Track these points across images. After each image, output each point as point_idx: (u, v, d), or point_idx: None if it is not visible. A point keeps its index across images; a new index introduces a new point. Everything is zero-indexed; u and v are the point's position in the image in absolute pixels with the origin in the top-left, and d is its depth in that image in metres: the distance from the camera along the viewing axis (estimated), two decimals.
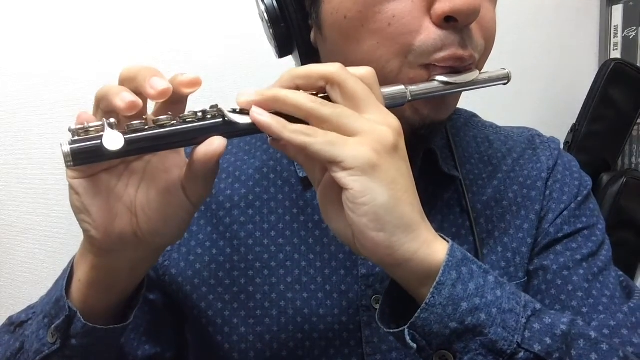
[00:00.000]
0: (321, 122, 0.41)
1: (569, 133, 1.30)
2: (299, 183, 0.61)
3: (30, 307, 0.57)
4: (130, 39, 0.99)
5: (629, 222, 1.23)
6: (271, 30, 0.56)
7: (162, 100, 0.42)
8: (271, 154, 0.64)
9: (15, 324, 0.56)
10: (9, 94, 0.93)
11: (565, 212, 0.62)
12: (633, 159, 1.37)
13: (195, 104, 0.44)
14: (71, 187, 0.42)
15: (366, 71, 0.44)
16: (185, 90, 0.42)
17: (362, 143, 0.40)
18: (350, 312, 0.58)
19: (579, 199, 0.64)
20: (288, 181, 0.62)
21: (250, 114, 0.41)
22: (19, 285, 0.99)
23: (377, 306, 0.57)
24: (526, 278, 0.61)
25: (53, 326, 0.48)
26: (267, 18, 0.56)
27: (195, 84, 0.42)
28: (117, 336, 0.51)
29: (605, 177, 1.26)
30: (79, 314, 0.47)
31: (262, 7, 0.56)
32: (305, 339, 0.57)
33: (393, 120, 0.42)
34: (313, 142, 0.40)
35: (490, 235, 0.62)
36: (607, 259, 0.61)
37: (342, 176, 0.40)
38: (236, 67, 1.06)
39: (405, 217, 0.41)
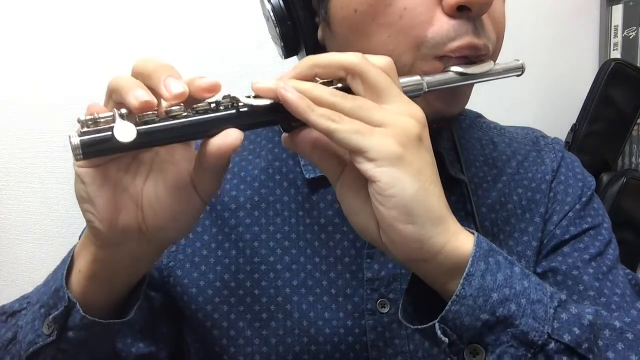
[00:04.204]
0: None
1: (569, 133, 1.30)
2: (305, 185, 0.61)
3: (24, 297, 0.55)
4: (129, 39, 0.99)
5: (629, 222, 1.23)
6: (277, 30, 0.55)
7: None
8: (276, 153, 0.63)
9: (8, 313, 0.54)
10: (9, 94, 0.93)
11: (570, 214, 0.63)
12: (633, 159, 1.37)
13: None
14: (77, 175, 0.41)
15: (385, 61, 0.43)
16: (204, 96, 0.41)
17: (386, 134, 0.39)
18: (356, 316, 0.58)
19: (583, 199, 0.64)
20: (294, 183, 0.61)
21: (277, 89, 0.40)
22: (19, 285, 0.99)
23: (383, 310, 0.57)
24: None
25: (51, 317, 0.46)
26: (273, 17, 0.55)
27: (214, 89, 0.40)
28: (115, 332, 0.50)
29: (605, 177, 1.27)
30: (78, 305, 0.46)
31: (269, 6, 0.55)
32: (311, 342, 0.57)
33: (417, 111, 0.42)
34: (339, 129, 0.39)
35: (495, 238, 0.62)
36: (615, 257, 0.61)
37: (368, 167, 0.39)
38: (237, 67, 1.06)
39: (434, 209, 0.41)
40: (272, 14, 0.55)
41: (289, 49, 0.57)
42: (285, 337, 0.58)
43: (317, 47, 0.56)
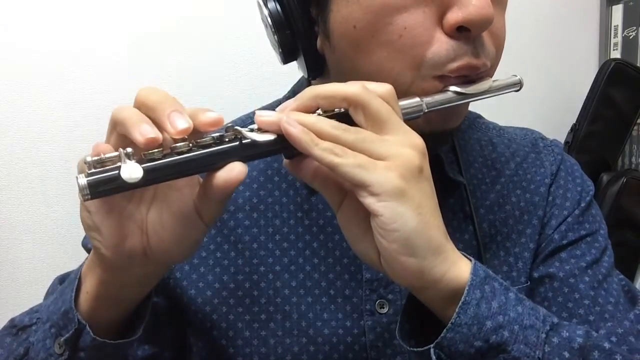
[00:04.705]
0: None
1: (569, 133, 1.30)
2: (303, 187, 0.61)
3: (33, 310, 0.56)
4: (129, 40, 0.99)
5: (629, 222, 1.23)
6: (275, 37, 0.55)
7: None
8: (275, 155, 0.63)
9: (18, 327, 0.54)
10: (9, 95, 0.93)
11: (569, 219, 0.63)
12: (633, 159, 1.38)
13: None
14: (82, 205, 0.42)
15: (386, 89, 0.43)
16: (208, 130, 0.41)
17: (389, 168, 0.40)
18: (355, 317, 0.58)
19: (582, 205, 0.64)
20: (292, 184, 0.62)
21: (281, 123, 0.40)
22: (19, 285, 0.99)
23: (382, 311, 0.58)
24: (529, 282, 0.61)
25: (62, 339, 0.47)
26: (270, 23, 0.54)
27: (218, 123, 0.41)
28: (125, 349, 0.51)
29: (605, 177, 1.27)
30: (88, 327, 0.46)
31: (266, 12, 0.54)
32: (310, 343, 0.57)
33: (417, 140, 0.42)
34: (342, 163, 0.39)
35: (492, 239, 0.62)
36: (610, 265, 0.61)
37: (371, 202, 0.40)
38: (235, 69, 1.06)
39: (434, 240, 0.42)
40: (269, 19, 0.54)
41: (288, 55, 0.56)
42: (284, 338, 0.58)
43: (316, 56, 0.55)
